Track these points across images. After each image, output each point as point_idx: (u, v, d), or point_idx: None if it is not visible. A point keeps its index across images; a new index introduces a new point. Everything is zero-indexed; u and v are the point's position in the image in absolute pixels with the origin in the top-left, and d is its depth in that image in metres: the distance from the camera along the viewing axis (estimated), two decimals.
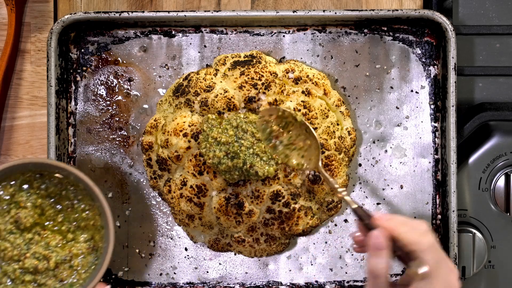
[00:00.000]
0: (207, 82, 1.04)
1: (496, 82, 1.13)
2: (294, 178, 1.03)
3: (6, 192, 0.99)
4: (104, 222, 0.99)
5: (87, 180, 0.98)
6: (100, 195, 0.98)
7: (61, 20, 1.06)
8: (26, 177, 1.00)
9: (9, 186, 0.99)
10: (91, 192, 0.99)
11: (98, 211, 1.00)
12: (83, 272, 0.99)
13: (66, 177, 1.00)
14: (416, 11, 1.06)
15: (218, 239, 1.08)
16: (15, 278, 0.98)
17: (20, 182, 1.00)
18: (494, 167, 1.10)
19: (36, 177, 1.00)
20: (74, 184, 1.00)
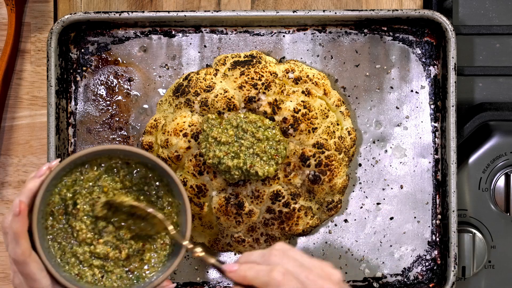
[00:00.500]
0: (207, 82, 1.04)
1: (496, 82, 1.13)
2: (294, 178, 1.03)
3: (92, 173, 0.96)
4: (181, 221, 0.96)
5: (173, 175, 0.94)
6: (184, 192, 0.95)
7: (61, 20, 1.06)
8: (112, 163, 0.97)
9: (96, 168, 0.96)
10: (174, 188, 0.96)
11: (176, 210, 0.97)
12: (153, 266, 0.97)
13: (152, 170, 0.97)
14: (416, 11, 1.06)
15: (218, 239, 1.08)
16: (83, 261, 0.95)
17: (106, 167, 0.97)
18: (494, 167, 1.10)
19: (123, 166, 0.97)
20: (158, 179, 0.97)
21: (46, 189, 0.92)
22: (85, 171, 0.96)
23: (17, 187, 1.14)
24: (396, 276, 1.10)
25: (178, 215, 0.97)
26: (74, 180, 0.96)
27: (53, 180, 0.93)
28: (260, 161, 1.01)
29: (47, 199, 0.94)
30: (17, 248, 0.88)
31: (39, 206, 0.91)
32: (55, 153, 1.06)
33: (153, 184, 0.97)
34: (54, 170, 0.92)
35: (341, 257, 1.10)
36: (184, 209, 0.95)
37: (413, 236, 1.09)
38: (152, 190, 0.97)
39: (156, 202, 0.97)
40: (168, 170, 0.95)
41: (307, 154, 1.03)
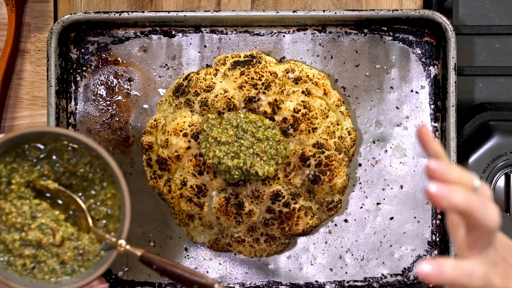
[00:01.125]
0: (207, 82, 1.04)
1: (496, 82, 1.13)
2: (294, 178, 1.03)
3: (33, 154, 0.94)
4: (122, 216, 0.94)
5: (115, 167, 0.93)
6: (124, 186, 0.93)
7: (61, 20, 1.06)
8: (58, 145, 0.95)
9: (38, 149, 0.94)
10: (116, 181, 0.94)
11: (119, 203, 0.96)
12: (87, 259, 0.95)
13: (97, 158, 0.95)
14: (416, 11, 1.06)
15: (218, 239, 1.08)
16: (13, 249, 0.93)
17: (50, 148, 0.95)
18: (494, 167, 1.10)
19: (68, 150, 0.95)
20: (103, 168, 0.95)
21: None
22: (28, 150, 0.94)
23: None
24: (396, 276, 1.10)
25: (120, 209, 0.96)
26: (14, 157, 0.94)
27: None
28: (260, 161, 1.01)
29: None
30: None
31: None
32: None
33: (98, 173, 0.96)
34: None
35: (341, 257, 1.10)
36: (123, 203, 0.93)
37: (413, 236, 1.09)
38: (97, 178, 0.96)
39: (99, 193, 0.96)
40: (109, 160, 0.93)
41: (307, 154, 1.03)
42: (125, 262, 1.10)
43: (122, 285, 1.10)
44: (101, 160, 0.95)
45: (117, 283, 1.10)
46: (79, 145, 0.95)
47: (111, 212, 0.96)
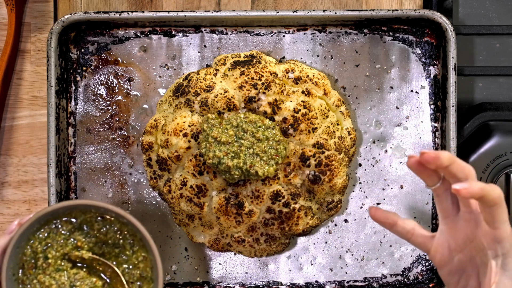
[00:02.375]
0: (207, 82, 1.04)
1: (496, 82, 1.13)
2: (294, 178, 1.03)
3: (65, 228, 0.96)
4: (154, 276, 0.96)
5: (143, 231, 0.95)
6: (154, 247, 0.95)
7: (61, 20, 1.06)
8: (87, 217, 0.97)
9: (69, 222, 0.97)
10: (146, 243, 0.96)
11: (151, 264, 0.97)
12: None
13: (126, 225, 0.97)
14: (416, 11, 1.06)
15: (218, 239, 1.08)
16: None
17: (81, 220, 0.97)
18: (494, 167, 1.10)
19: (98, 220, 0.97)
20: (132, 234, 0.97)
21: (15, 245, 0.92)
22: (60, 225, 0.96)
23: (17, 187, 1.14)
24: (396, 276, 1.10)
25: (153, 270, 0.97)
26: (48, 233, 0.96)
27: (26, 234, 0.93)
28: (260, 161, 1.01)
29: (20, 251, 0.94)
30: None
31: (7, 263, 0.90)
32: (55, 153, 1.06)
33: (128, 238, 0.97)
34: (23, 226, 0.92)
35: (341, 257, 1.10)
36: (155, 264, 0.95)
37: None
38: (127, 245, 0.98)
39: (131, 257, 0.97)
40: (138, 226, 0.95)
41: (307, 154, 1.03)
42: None
43: None
44: (130, 226, 0.97)
45: None
46: (108, 214, 0.97)
47: (144, 274, 0.98)
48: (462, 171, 0.84)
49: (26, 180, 1.14)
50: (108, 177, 1.10)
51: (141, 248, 0.97)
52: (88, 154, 1.10)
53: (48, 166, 1.06)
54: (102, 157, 1.10)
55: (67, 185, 1.10)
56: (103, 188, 1.10)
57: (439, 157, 0.84)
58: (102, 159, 1.10)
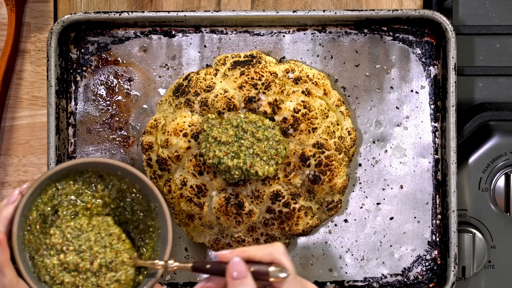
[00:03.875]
0: (207, 82, 1.04)
1: (496, 82, 1.13)
2: (294, 178, 1.03)
3: (69, 188, 0.95)
4: (162, 241, 0.95)
5: (143, 177, 0.94)
6: (159, 195, 0.93)
7: (61, 20, 1.06)
8: (86, 177, 0.96)
9: (72, 182, 0.95)
10: (149, 193, 0.95)
11: (156, 234, 0.96)
12: (125, 284, 0.95)
13: (123, 179, 0.96)
14: (416, 11, 1.06)
15: (218, 239, 1.08)
16: (54, 276, 0.93)
17: (83, 180, 0.96)
18: (494, 167, 1.10)
19: (98, 180, 0.96)
20: (132, 189, 0.96)
21: (21, 214, 0.91)
22: (62, 186, 0.95)
23: (17, 187, 1.14)
24: (396, 276, 1.10)
25: (158, 218, 0.95)
26: (51, 196, 0.95)
27: (28, 203, 0.92)
28: (260, 161, 1.01)
29: (24, 220, 0.93)
30: (3, 279, 0.87)
31: (17, 233, 0.90)
32: (55, 153, 1.06)
33: (128, 197, 0.97)
34: (26, 194, 0.91)
35: (341, 257, 1.10)
36: (162, 213, 0.94)
37: (413, 236, 1.09)
38: (127, 205, 0.97)
39: (132, 218, 0.97)
40: (137, 173, 0.94)
41: (307, 154, 1.03)
42: None
43: None
44: (127, 179, 0.96)
45: None
46: (105, 172, 0.96)
47: (148, 241, 0.97)
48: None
49: (26, 180, 1.14)
50: None
51: (142, 200, 0.97)
52: (88, 154, 1.10)
53: (48, 166, 1.06)
54: (102, 157, 1.10)
55: None
56: None
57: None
58: None
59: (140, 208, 0.97)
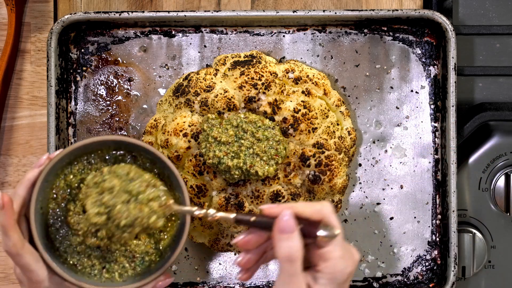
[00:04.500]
0: (207, 82, 1.04)
1: (496, 82, 1.13)
2: (294, 178, 1.03)
3: (100, 164, 0.95)
4: (178, 189, 0.94)
5: (159, 154, 0.94)
6: (171, 165, 0.93)
7: (61, 20, 1.06)
8: (118, 156, 0.95)
9: (102, 160, 0.95)
10: (165, 169, 0.95)
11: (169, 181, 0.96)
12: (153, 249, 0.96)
13: (155, 165, 0.96)
14: (416, 11, 1.06)
15: (218, 239, 1.08)
16: (80, 251, 0.93)
17: (115, 157, 0.96)
18: (494, 167, 1.10)
19: (131, 160, 0.96)
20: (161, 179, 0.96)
21: (45, 179, 0.91)
22: (93, 160, 0.95)
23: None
24: (396, 276, 1.10)
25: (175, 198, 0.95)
26: (81, 169, 0.95)
27: (54, 169, 0.92)
28: (260, 161, 1.01)
29: (49, 185, 0.93)
30: (7, 241, 0.87)
31: (36, 196, 0.90)
32: None
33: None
34: (53, 160, 0.91)
35: None
36: (175, 179, 0.93)
37: (413, 236, 1.09)
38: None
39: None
40: (168, 162, 0.94)
41: (307, 154, 1.03)
42: None
43: None
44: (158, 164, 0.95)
45: None
46: (135, 150, 0.96)
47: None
48: None
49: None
50: None
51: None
52: None
53: None
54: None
55: None
56: None
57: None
58: None
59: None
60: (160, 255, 0.96)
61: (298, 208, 0.85)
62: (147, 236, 0.96)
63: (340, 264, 0.83)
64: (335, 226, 0.84)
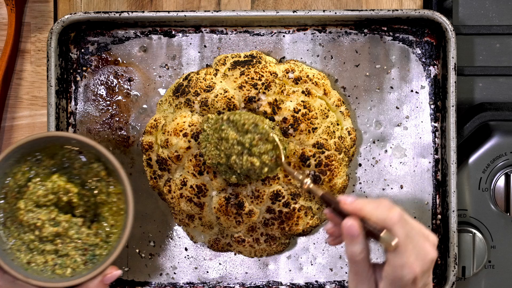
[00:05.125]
0: (207, 82, 1.04)
1: (496, 82, 1.13)
2: None
3: (47, 162, 0.98)
4: (125, 205, 0.98)
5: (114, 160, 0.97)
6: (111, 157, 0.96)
7: (61, 20, 1.06)
8: (65, 152, 0.98)
9: (50, 157, 0.98)
10: (118, 177, 0.98)
11: (123, 197, 0.99)
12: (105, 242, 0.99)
13: (101, 161, 0.99)
14: (416, 11, 1.06)
15: (218, 239, 1.08)
16: (34, 248, 0.96)
17: (60, 157, 0.98)
18: (494, 167, 1.10)
19: (78, 157, 0.99)
20: (110, 174, 0.99)
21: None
22: (41, 159, 0.98)
23: None
24: None
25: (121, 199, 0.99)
26: (29, 167, 0.97)
27: (3, 169, 0.95)
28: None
29: (0, 183, 0.96)
30: None
31: None
32: None
33: (104, 179, 1.00)
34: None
35: (341, 257, 1.10)
36: (125, 192, 0.97)
37: None
38: (103, 186, 1.00)
39: (107, 199, 0.99)
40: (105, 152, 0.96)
41: (307, 154, 1.03)
42: (125, 262, 1.10)
43: (122, 285, 1.10)
44: (103, 159, 0.98)
45: (117, 283, 1.10)
46: (85, 149, 0.98)
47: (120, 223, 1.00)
48: None
49: None
50: None
51: (116, 187, 0.99)
52: None
53: None
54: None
55: None
56: None
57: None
58: None
59: (115, 191, 0.99)
60: (110, 249, 0.98)
61: (366, 211, 0.87)
62: (98, 226, 0.99)
63: (399, 272, 0.86)
64: (396, 236, 0.85)
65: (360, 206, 0.87)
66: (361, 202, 0.88)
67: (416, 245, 0.86)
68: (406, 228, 0.86)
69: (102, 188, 0.99)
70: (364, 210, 0.87)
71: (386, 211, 0.86)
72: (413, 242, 0.86)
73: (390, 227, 0.86)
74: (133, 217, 0.96)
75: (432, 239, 0.88)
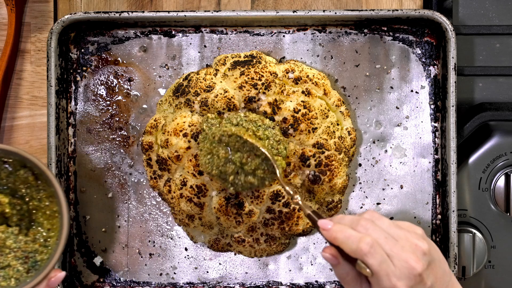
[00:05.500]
0: (207, 82, 1.04)
1: (496, 82, 1.13)
2: (294, 178, 1.03)
3: None
4: (58, 207, 0.97)
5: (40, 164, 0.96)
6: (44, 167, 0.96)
7: (61, 20, 1.06)
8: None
9: None
10: (47, 181, 0.97)
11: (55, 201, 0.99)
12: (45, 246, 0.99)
13: (26, 168, 0.98)
14: (416, 11, 1.06)
15: (218, 239, 1.08)
16: None
17: None
18: (494, 167, 1.10)
19: (3, 167, 0.98)
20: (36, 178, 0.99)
21: None
22: None
23: None
24: None
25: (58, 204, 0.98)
26: None
27: None
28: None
29: None
30: None
31: None
32: (55, 153, 1.06)
33: (33, 184, 0.99)
34: None
35: None
36: (57, 195, 0.96)
37: None
38: (33, 191, 0.99)
39: (39, 204, 0.99)
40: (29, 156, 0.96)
41: (307, 154, 1.03)
42: (125, 262, 1.10)
43: (122, 285, 1.10)
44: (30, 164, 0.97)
45: (117, 283, 1.10)
46: (10, 158, 0.98)
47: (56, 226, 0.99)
48: None
49: None
50: (108, 177, 1.10)
51: (46, 190, 0.98)
52: (88, 154, 1.10)
53: (48, 166, 1.06)
54: (102, 157, 1.10)
55: (67, 185, 1.10)
56: (103, 188, 1.10)
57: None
58: (102, 159, 1.10)
59: (46, 195, 0.99)
60: (51, 253, 0.98)
61: (339, 241, 0.88)
62: (36, 232, 0.99)
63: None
64: (369, 267, 0.86)
65: (334, 236, 0.88)
66: (335, 230, 0.88)
67: (397, 265, 0.86)
68: (379, 256, 0.86)
69: (32, 194, 0.99)
70: (337, 240, 0.88)
71: (356, 243, 0.86)
72: (391, 266, 0.86)
73: (361, 258, 0.86)
74: (68, 217, 0.96)
75: (420, 248, 0.87)
